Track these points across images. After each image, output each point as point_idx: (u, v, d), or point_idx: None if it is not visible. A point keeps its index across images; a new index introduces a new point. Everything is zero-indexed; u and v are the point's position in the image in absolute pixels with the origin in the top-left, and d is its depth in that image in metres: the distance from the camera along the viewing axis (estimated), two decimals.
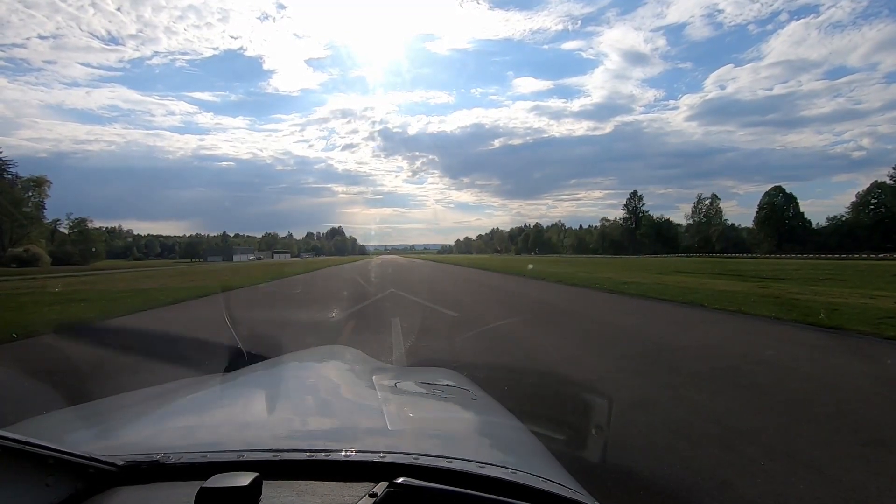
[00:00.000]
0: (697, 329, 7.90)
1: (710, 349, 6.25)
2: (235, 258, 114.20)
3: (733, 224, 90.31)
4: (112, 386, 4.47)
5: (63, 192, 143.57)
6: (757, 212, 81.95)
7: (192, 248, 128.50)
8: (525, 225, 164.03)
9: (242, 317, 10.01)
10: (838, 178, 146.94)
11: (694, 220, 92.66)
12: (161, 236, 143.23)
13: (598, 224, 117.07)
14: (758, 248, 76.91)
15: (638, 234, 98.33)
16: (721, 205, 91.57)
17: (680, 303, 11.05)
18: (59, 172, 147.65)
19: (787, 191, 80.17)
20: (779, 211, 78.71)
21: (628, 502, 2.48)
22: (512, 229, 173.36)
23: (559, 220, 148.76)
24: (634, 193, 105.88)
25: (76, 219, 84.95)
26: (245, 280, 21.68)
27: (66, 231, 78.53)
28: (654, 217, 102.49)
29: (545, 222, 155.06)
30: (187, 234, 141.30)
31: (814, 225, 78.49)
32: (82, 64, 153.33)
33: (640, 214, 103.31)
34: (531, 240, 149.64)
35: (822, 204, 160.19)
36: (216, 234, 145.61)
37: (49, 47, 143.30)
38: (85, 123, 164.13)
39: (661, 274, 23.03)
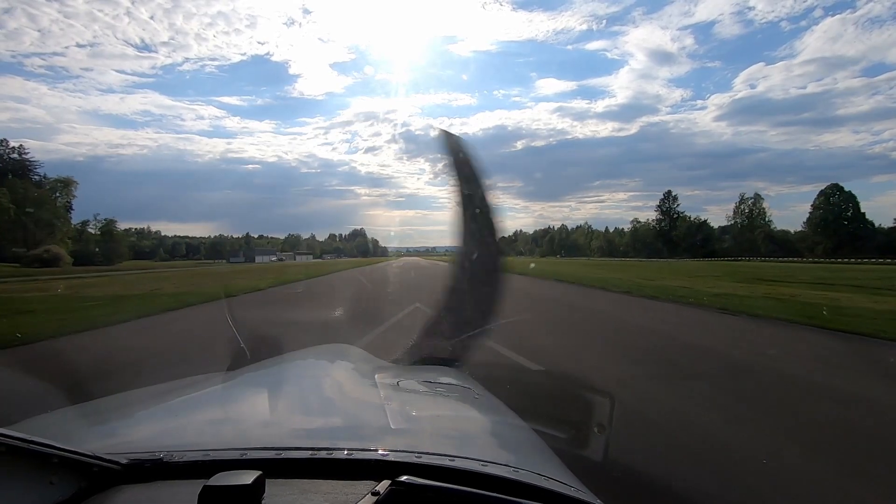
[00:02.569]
0: None
1: None
2: (258, 259, 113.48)
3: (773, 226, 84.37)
4: None
5: (99, 194, 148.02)
6: (811, 212, 75.65)
7: (215, 249, 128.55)
8: (549, 227, 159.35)
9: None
10: (878, 179, 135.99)
11: (736, 222, 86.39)
12: (187, 237, 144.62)
13: (629, 225, 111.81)
14: (809, 251, 70.84)
15: (674, 235, 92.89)
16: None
17: (856, 334, 7.67)
18: (95, 175, 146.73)
19: (846, 189, 72.91)
20: (836, 211, 71.82)
21: (632, 502, 2.40)
22: (535, 231, 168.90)
23: (585, 222, 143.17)
24: (669, 193, 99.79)
25: (103, 219, 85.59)
26: (259, 282, 19.46)
27: (94, 231, 79.40)
28: (691, 218, 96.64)
29: (568, 224, 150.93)
30: (212, 236, 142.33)
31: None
32: (117, 71, 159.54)
33: (675, 216, 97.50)
34: (557, 242, 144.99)
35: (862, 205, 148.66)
36: (240, 236, 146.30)
37: (87, 55, 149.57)
38: (119, 128, 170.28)
39: (744, 282, 19.41)
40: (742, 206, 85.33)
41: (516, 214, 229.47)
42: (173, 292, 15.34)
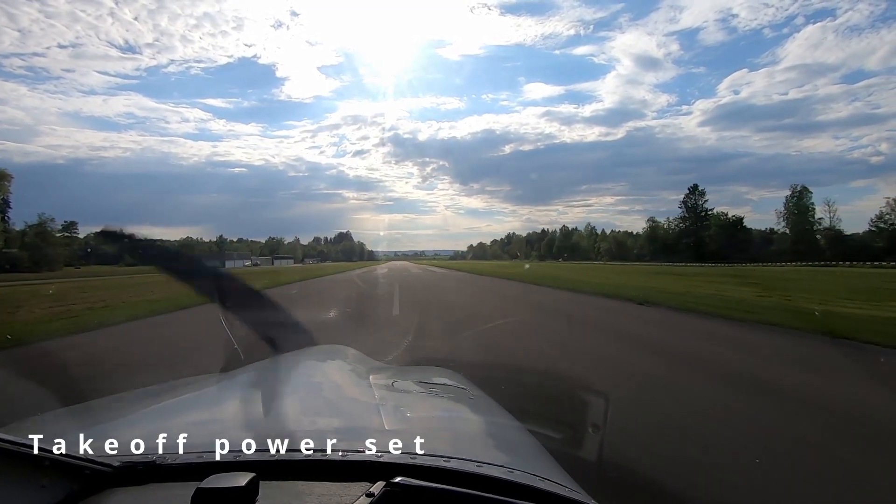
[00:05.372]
0: None
1: None
2: (229, 264, 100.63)
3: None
4: None
5: (80, 197, 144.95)
6: None
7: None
8: (544, 229, 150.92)
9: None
10: (856, 184, 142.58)
11: (787, 221, 74.37)
12: (158, 241, 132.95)
13: (646, 225, 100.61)
14: (887, 253, 59.02)
15: (705, 236, 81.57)
16: (737, 211, 76.59)
17: None
18: (76, 178, 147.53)
19: None
20: None
21: (626, 501, 2.42)
22: (530, 233, 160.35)
23: (588, 223, 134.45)
24: (695, 188, 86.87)
25: (46, 219, 73.80)
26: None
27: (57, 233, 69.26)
28: (727, 216, 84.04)
29: (555, 228, 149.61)
30: (180, 238, 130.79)
31: None
32: (100, 72, 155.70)
33: (703, 213, 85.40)
34: (557, 244, 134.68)
35: (839, 210, 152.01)
36: (213, 239, 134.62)
37: (68, 56, 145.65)
38: (101, 130, 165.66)
39: None
40: (792, 202, 73.31)
41: (504, 218, 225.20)
42: None
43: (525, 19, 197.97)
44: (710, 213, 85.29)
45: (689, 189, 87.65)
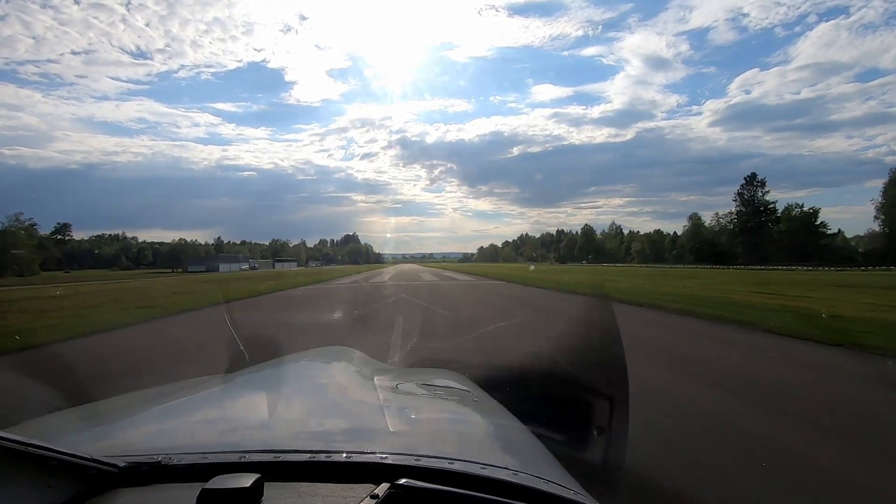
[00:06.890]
0: None
1: None
2: (223, 268, 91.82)
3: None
4: None
5: (93, 201, 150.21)
6: None
7: (175, 257, 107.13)
8: (558, 230, 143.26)
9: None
10: (871, 184, 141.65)
11: (886, 214, 59.57)
12: (156, 243, 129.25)
13: (686, 223, 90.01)
14: None
15: (774, 232, 69.59)
16: None
17: None
18: (89, 183, 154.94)
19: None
20: None
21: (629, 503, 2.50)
22: (543, 234, 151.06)
23: (613, 222, 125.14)
24: (753, 177, 73.92)
25: (23, 220, 65.69)
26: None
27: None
28: (802, 208, 70.63)
29: (570, 229, 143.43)
30: (174, 241, 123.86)
31: None
32: (112, 78, 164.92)
33: (763, 207, 72.82)
34: (579, 245, 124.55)
35: (853, 211, 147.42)
36: (211, 242, 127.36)
37: (81, 62, 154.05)
38: (114, 135, 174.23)
39: None
40: (891, 191, 58.69)
41: (513, 220, 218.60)
42: None
43: (533, 21, 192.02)
44: (769, 206, 73.15)
45: (745, 179, 75.34)
